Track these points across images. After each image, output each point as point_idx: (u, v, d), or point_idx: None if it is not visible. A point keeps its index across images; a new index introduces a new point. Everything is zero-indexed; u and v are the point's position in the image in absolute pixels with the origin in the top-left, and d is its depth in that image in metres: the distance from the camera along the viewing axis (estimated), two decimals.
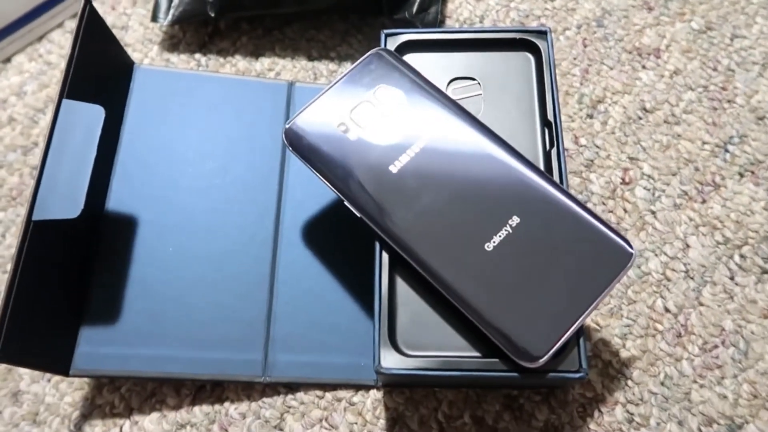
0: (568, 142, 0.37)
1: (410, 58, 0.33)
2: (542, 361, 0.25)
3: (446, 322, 0.28)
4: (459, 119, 0.29)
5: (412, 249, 0.27)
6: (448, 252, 0.27)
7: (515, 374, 0.26)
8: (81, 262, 0.32)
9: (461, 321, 0.27)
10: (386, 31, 0.33)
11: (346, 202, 0.28)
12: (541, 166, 0.30)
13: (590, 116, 0.38)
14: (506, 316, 0.26)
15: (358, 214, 0.28)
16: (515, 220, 0.27)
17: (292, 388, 0.32)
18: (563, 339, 0.25)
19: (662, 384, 0.32)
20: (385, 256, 0.28)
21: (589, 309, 0.25)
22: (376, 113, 0.29)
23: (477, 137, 0.29)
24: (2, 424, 0.32)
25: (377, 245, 0.28)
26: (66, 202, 0.27)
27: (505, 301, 0.26)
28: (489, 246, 0.27)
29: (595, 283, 0.26)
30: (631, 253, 0.26)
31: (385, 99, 0.30)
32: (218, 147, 0.36)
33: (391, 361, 0.27)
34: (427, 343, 0.28)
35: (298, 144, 0.29)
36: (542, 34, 0.33)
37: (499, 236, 0.27)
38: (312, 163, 0.29)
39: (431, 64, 0.33)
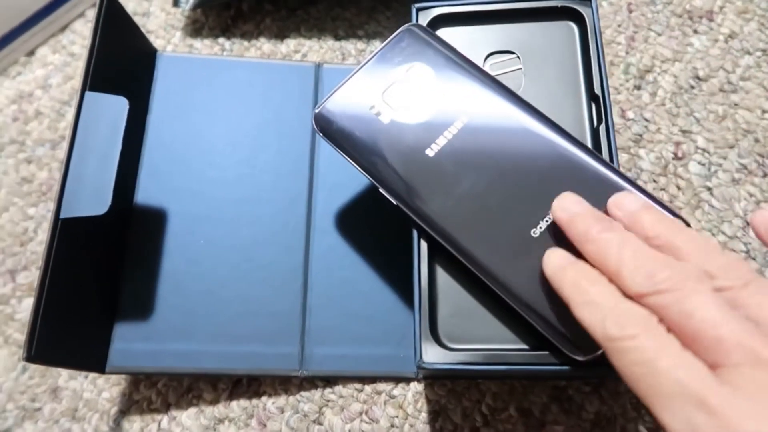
0: (614, 117, 0.35)
1: (443, 32, 0.31)
2: (594, 355, 0.23)
3: (490, 314, 0.26)
4: (499, 97, 0.27)
5: (454, 237, 0.26)
6: (491, 240, 0.25)
7: (567, 367, 0.25)
8: (111, 258, 0.31)
9: (505, 312, 0.26)
10: (417, 5, 0.31)
11: (381, 189, 0.27)
12: (589, 143, 0.28)
13: (638, 87, 0.35)
14: (556, 308, 0.24)
15: (395, 202, 0.26)
16: None
17: (330, 381, 0.31)
18: None
19: None
20: (424, 245, 0.27)
21: None
22: (410, 94, 0.27)
23: (518, 115, 0.27)
24: (43, 420, 0.31)
25: (415, 234, 0.27)
26: (93, 199, 0.26)
27: (553, 293, 0.24)
28: (536, 232, 0.25)
29: None
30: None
31: (418, 78, 0.28)
32: (246, 134, 0.35)
33: (433, 355, 0.26)
34: (470, 336, 0.26)
35: (328, 129, 0.28)
36: (586, 1, 0.30)
37: (546, 221, 0.25)
38: (344, 149, 0.27)
39: (466, 39, 0.31)
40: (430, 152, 0.26)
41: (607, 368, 0.24)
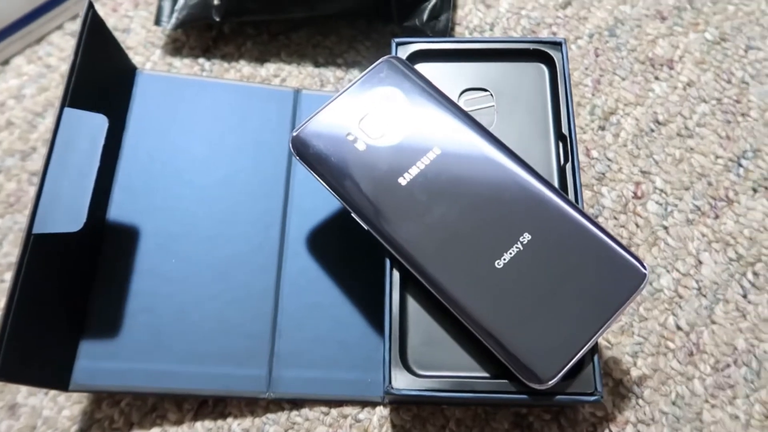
0: (579, 155, 0.37)
1: (421, 67, 0.33)
2: (551, 383, 0.24)
3: (457, 342, 0.27)
4: (471, 131, 0.28)
5: (420, 264, 0.26)
6: (457, 268, 0.26)
7: (528, 397, 0.26)
8: (81, 275, 0.31)
9: (473, 341, 0.26)
10: (397, 39, 0.32)
11: (353, 214, 0.27)
12: (555, 181, 0.30)
13: (602, 128, 0.37)
14: (515, 336, 0.25)
15: (366, 227, 0.27)
16: (527, 237, 0.26)
17: (296, 404, 0.31)
18: (572, 361, 0.25)
19: (673, 403, 0.31)
20: (396, 273, 0.28)
21: (600, 331, 0.25)
22: (386, 123, 0.29)
23: (489, 150, 0.28)
24: None
25: (387, 262, 0.28)
26: (68, 215, 0.26)
27: (514, 321, 0.25)
28: (499, 263, 0.26)
29: (607, 303, 0.25)
30: (645, 274, 0.25)
31: (395, 109, 0.29)
32: (223, 155, 0.35)
33: (402, 381, 0.26)
34: (439, 363, 0.27)
35: (305, 153, 0.29)
36: (557, 45, 0.32)
37: (510, 253, 0.26)
38: (319, 173, 0.28)
39: (443, 74, 0.32)
40: (403, 181, 0.27)
41: (568, 399, 0.26)
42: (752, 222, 0.35)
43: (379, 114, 0.29)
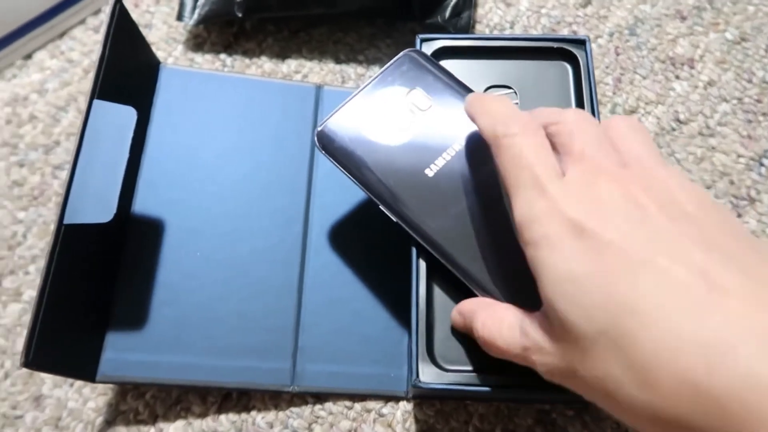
0: None
1: (445, 64, 0.33)
2: None
3: None
4: None
5: (450, 253, 0.27)
6: (486, 257, 0.26)
7: (553, 392, 0.26)
8: (107, 266, 0.31)
9: None
10: (421, 35, 0.33)
11: (381, 207, 0.28)
12: None
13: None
14: None
15: (395, 219, 0.27)
16: None
17: (320, 397, 0.32)
18: None
19: None
20: (423, 264, 0.28)
21: None
22: (410, 116, 0.29)
23: None
24: (24, 428, 0.31)
25: (414, 254, 0.28)
26: (98, 206, 0.26)
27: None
28: None
29: None
30: None
31: (418, 101, 0.29)
32: (245, 150, 0.35)
33: (429, 375, 0.26)
34: (465, 357, 0.27)
35: (330, 147, 0.29)
36: (581, 43, 0.32)
37: None
38: (345, 166, 0.28)
39: (466, 71, 0.33)
40: (430, 172, 0.28)
41: None
42: None
43: (402, 106, 0.29)
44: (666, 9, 0.41)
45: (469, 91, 0.29)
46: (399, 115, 0.29)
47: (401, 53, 0.30)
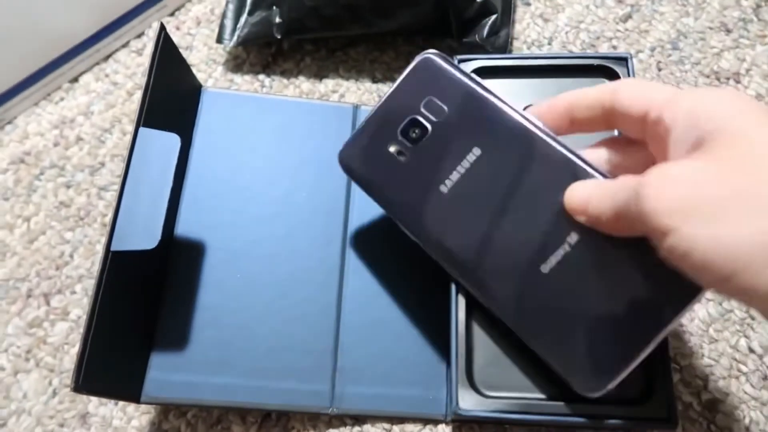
0: None
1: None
2: (602, 392, 0.24)
3: (526, 362, 0.27)
4: (513, 123, 0.26)
5: (468, 274, 0.26)
6: (502, 274, 0.25)
7: (597, 420, 0.25)
8: (152, 289, 0.32)
9: (538, 359, 0.26)
10: (459, 56, 0.33)
11: (401, 226, 0.27)
12: None
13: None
14: (564, 343, 0.25)
15: (413, 238, 0.27)
16: (574, 238, 0.24)
17: (359, 420, 0.32)
18: (626, 372, 0.24)
19: (747, 429, 0.30)
20: (462, 291, 0.28)
21: (653, 343, 0.23)
22: (425, 127, 0.27)
23: (531, 144, 0.25)
24: None
25: (453, 282, 0.28)
26: (143, 233, 0.27)
27: (562, 327, 0.25)
28: (545, 268, 0.25)
29: (661, 313, 0.23)
30: (700, 286, 0.22)
31: (432, 111, 0.27)
32: (285, 172, 0.36)
33: (469, 402, 0.26)
34: (505, 384, 0.27)
35: (351, 169, 0.29)
36: (622, 60, 0.32)
37: (556, 257, 0.25)
38: (366, 187, 0.28)
39: (505, 91, 0.32)
40: (444, 188, 0.27)
41: (642, 424, 0.25)
42: None
43: (416, 118, 0.27)
44: (710, 22, 0.40)
45: (488, 91, 0.27)
46: (413, 128, 0.27)
47: (416, 59, 0.28)
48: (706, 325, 0.32)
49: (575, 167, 0.25)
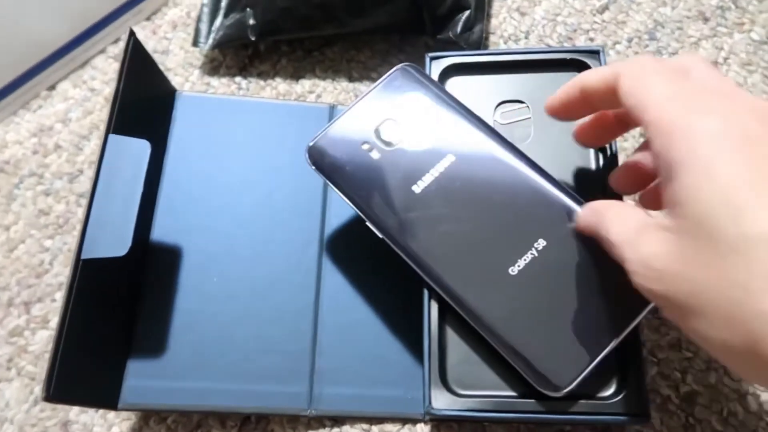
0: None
1: (456, 81, 0.32)
2: (565, 391, 0.24)
3: (498, 360, 0.27)
4: (484, 137, 0.28)
5: (433, 270, 0.26)
6: (470, 275, 0.26)
7: (570, 416, 0.25)
8: (127, 295, 0.32)
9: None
10: (431, 54, 0.32)
11: (368, 223, 0.27)
12: (597, 191, 0.29)
13: (644, 135, 0.36)
14: (528, 343, 0.25)
15: (380, 235, 0.27)
16: (541, 244, 0.26)
17: (337, 421, 0.32)
18: (588, 370, 0.24)
19: (726, 422, 0.30)
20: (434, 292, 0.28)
21: (618, 339, 0.24)
22: (400, 131, 0.29)
23: (501, 155, 0.28)
24: None
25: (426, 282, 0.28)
26: (114, 240, 0.27)
27: (527, 328, 0.25)
28: (513, 270, 0.26)
29: (625, 311, 0.25)
30: None
31: (409, 117, 0.29)
32: (261, 174, 0.36)
33: (442, 401, 0.26)
34: (480, 382, 0.27)
35: (320, 163, 0.29)
36: (594, 53, 0.31)
37: (524, 260, 0.26)
38: (334, 182, 0.29)
39: (478, 87, 0.32)
40: (417, 189, 0.27)
41: (615, 419, 0.25)
42: None
43: (393, 122, 0.29)
44: (687, 11, 0.39)
45: (461, 105, 0.29)
46: (389, 130, 0.29)
47: (394, 68, 0.30)
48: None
49: (537, 179, 0.27)
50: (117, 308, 0.31)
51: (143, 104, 0.33)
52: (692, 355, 0.31)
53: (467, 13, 0.37)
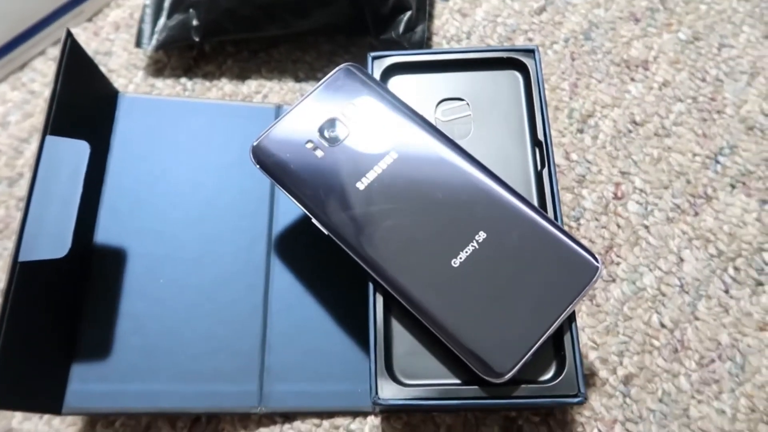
0: (559, 158, 0.37)
1: (398, 79, 0.33)
2: (507, 377, 0.25)
3: (441, 349, 0.28)
4: (426, 135, 0.29)
5: (379, 265, 0.27)
6: (413, 268, 0.27)
7: (509, 400, 0.26)
8: (70, 299, 0.32)
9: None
10: (373, 54, 0.33)
11: (314, 220, 0.28)
12: (533, 186, 0.30)
13: (580, 131, 0.38)
14: (471, 332, 0.26)
15: (326, 232, 0.28)
16: (482, 236, 0.27)
17: (288, 417, 0.32)
18: (528, 355, 0.25)
19: (660, 401, 0.32)
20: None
21: (555, 324, 0.26)
22: (344, 129, 0.29)
23: (443, 152, 0.28)
24: None
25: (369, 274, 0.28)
26: (53, 242, 0.27)
27: (469, 317, 0.26)
28: (456, 262, 0.27)
29: (561, 297, 0.26)
30: (597, 267, 0.26)
31: (352, 115, 0.29)
32: (207, 175, 0.35)
33: (389, 391, 0.27)
34: (424, 372, 0.27)
35: (265, 162, 0.29)
36: (530, 52, 0.32)
37: (466, 252, 0.27)
38: (279, 180, 0.29)
39: (420, 86, 0.33)
40: (361, 185, 0.28)
41: (553, 401, 0.26)
42: (731, 218, 0.35)
43: (336, 120, 0.29)
44: (620, 12, 0.41)
45: (403, 104, 0.30)
46: (332, 129, 0.29)
47: (337, 68, 0.30)
48: (621, 304, 0.34)
49: (477, 174, 0.28)
50: (59, 312, 0.31)
51: (83, 106, 0.33)
52: (629, 339, 0.33)
53: (408, 14, 0.38)
